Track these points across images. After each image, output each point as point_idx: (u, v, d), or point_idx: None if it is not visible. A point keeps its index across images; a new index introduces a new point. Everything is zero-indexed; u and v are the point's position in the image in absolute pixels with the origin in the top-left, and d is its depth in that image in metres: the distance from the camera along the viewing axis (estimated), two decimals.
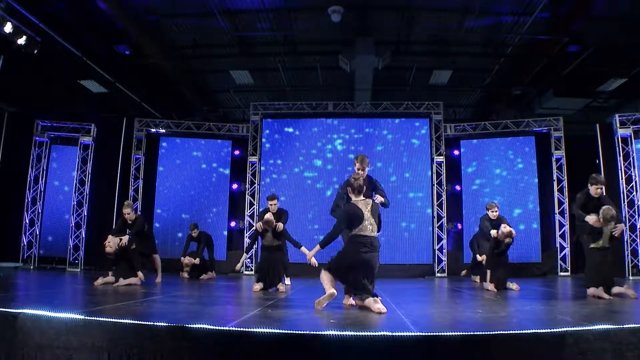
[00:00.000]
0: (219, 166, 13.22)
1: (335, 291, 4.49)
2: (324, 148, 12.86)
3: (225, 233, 12.90)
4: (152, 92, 13.25)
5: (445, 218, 12.41)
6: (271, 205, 7.89)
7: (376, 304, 4.28)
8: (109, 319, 2.88)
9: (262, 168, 12.91)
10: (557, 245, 11.96)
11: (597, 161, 11.60)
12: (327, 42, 10.80)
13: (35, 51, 9.04)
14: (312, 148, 12.89)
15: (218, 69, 12.29)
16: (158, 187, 12.93)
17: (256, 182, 12.83)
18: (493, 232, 7.62)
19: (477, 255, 9.28)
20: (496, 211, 8.22)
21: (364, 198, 4.74)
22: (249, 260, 12.53)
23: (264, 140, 13.08)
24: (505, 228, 7.40)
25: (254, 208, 12.73)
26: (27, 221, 12.05)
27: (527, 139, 12.68)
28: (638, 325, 2.77)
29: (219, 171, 13.18)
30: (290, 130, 13.10)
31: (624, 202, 10.99)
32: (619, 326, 2.80)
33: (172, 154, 13.19)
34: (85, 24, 9.69)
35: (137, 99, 13.15)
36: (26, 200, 12.09)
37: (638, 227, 10.94)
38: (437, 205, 12.44)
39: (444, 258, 12.21)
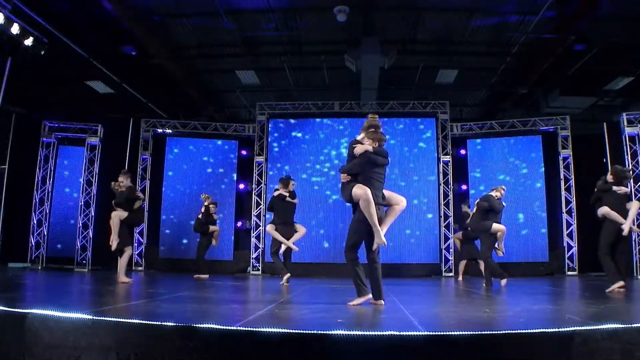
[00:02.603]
0: (226, 168, 13.22)
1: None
2: (329, 154, 12.83)
3: (232, 235, 12.91)
4: (158, 92, 13.30)
5: (452, 218, 12.37)
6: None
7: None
8: (117, 319, 2.90)
9: (270, 173, 12.88)
10: (565, 244, 11.89)
11: (605, 160, 11.53)
12: (332, 42, 10.79)
13: (42, 52, 9.09)
14: (320, 154, 12.87)
15: (224, 69, 12.30)
16: (165, 190, 12.97)
17: (262, 182, 12.84)
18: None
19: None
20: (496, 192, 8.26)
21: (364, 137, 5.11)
22: (255, 259, 12.55)
23: (274, 144, 13.06)
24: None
25: (260, 208, 12.74)
26: (35, 222, 12.13)
27: (534, 139, 12.61)
28: None
29: (228, 174, 13.19)
30: (299, 135, 13.08)
31: (631, 200, 10.89)
32: (628, 325, 2.79)
33: (181, 158, 13.21)
34: (91, 24, 9.74)
35: (143, 100, 13.21)
36: (34, 201, 12.16)
37: None
38: (443, 205, 12.41)
39: (451, 257, 12.18)
